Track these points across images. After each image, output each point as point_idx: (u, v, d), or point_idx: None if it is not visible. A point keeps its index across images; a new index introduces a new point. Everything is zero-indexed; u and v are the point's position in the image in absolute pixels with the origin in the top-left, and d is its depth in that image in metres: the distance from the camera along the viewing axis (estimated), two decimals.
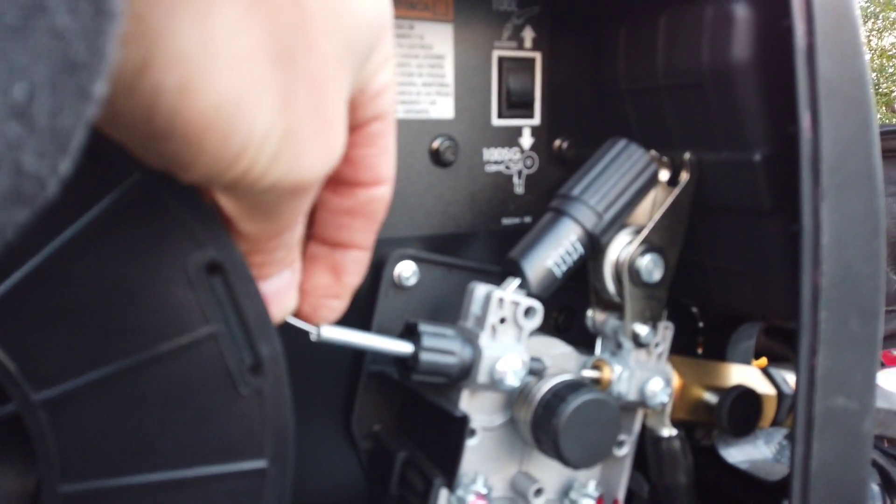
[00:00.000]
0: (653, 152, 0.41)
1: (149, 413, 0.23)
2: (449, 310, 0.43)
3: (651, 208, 0.42)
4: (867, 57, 0.36)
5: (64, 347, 0.22)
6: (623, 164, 0.40)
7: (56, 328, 0.22)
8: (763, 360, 0.63)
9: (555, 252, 0.38)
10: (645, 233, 0.40)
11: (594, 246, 0.39)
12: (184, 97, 0.17)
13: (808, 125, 0.34)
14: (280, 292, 0.25)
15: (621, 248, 0.41)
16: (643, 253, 0.40)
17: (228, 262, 0.22)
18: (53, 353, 0.22)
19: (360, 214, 0.26)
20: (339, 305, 0.28)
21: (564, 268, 0.38)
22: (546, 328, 0.45)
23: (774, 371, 0.50)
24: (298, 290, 0.27)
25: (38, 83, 0.10)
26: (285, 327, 0.26)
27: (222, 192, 0.22)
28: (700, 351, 0.54)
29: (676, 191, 0.40)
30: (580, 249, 0.39)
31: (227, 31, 0.17)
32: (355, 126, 0.24)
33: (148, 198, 0.21)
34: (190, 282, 0.22)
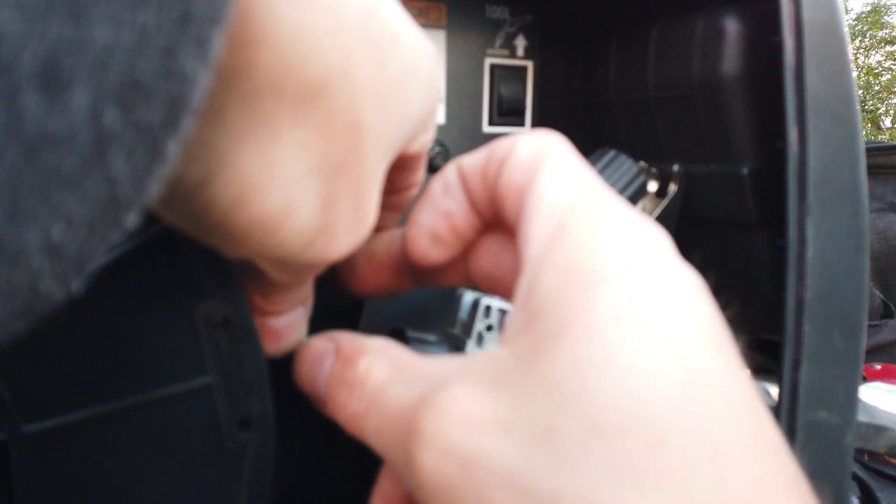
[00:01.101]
0: (642, 163, 0.42)
1: (132, 457, 0.23)
2: (436, 316, 0.43)
3: None
4: (854, 74, 0.36)
5: (61, 383, 0.22)
6: (612, 174, 0.40)
7: (56, 363, 0.22)
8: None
9: None
10: None
11: None
12: (236, 209, 0.18)
13: (795, 140, 0.34)
14: (292, 326, 0.26)
15: None
16: None
17: (236, 316, 0.23)
18: (50, 387, 0.21)
19: (388, 206, 0.27)
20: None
21: None
22: None
23: (757, 383, 0.50)
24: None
25: (78, 223, 0.11)
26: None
27: (258, 261, 0.23)
28: None
29: (664, 202, 0.41)
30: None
31: (287, 156, 0.18)
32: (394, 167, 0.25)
33: (165, 247, 0.22)
34: (195, 332, 0.22)
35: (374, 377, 0.20)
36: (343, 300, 0.41)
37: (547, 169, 0.20)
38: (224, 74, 0.16)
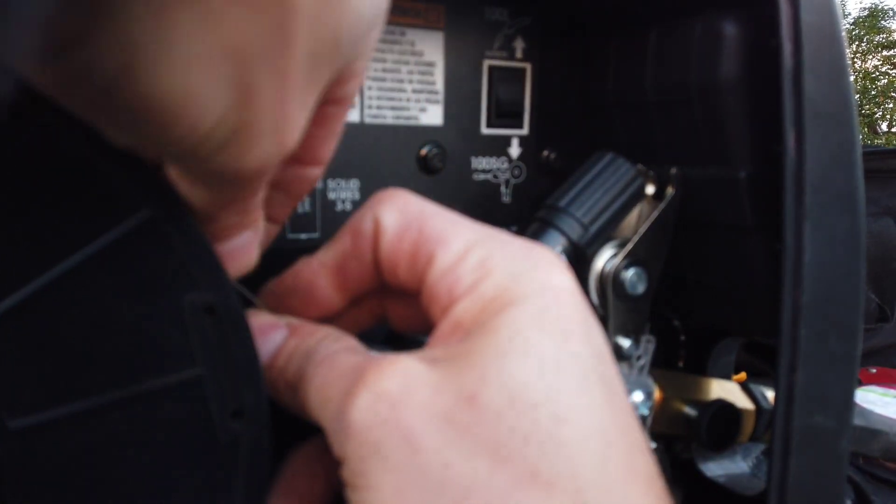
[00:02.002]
0: (639, 166, 0.42)
1: (121, 452, 0.22)
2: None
3: (636, 222, 0.42)
4: (851, 79, 0.36)
5: (46, 377, 0.21)
6: (610, 177, 0.40)
7: (41, 357, 0.21)
8: (743, 375, 0.63)
9: None
10: (630, 246, 0.40)
11: (579, 257, 0.39)
12: (120, 82, 0.15)
13: (792, 144, 0.34)
14: (239, 250, 0.24)
15: (606, 260, 0.41)
16: (627, 266, 0.40)
17: (224, 305, 0.22)
18: (34, 382, 0.21)
19: (284, 189, 0.25)
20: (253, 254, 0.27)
21: None
22: None
23: (754, 386, 0.50)
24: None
25: None
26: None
27: (169, 162, 0.21)
28: (681, 364, 0.54)
29: (662, 205, 0.41)
30: (565, 260, 0.39)
31: (188, 29, 0.15)
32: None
33: (152, 233, 0.21)
34: (183, 322, 0.22)
35: (327, 347, 0.23)
36: None
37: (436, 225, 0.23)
38: None
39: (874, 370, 1.04)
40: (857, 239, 0.36)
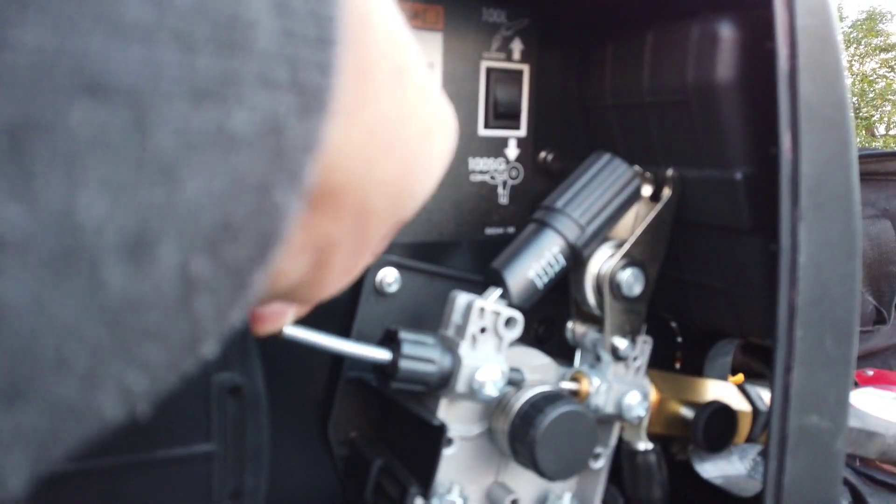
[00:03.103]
0: (636, 167, 0.42)
1: None
2: (430, 317, 0.43)
3: (633, 223, 0.42)
4: (849, 81, 0.37)
5: None
6: (607, 178, 0.40)
7: None
8: (739, 377, 0.63)
9: (537, 263, 0.38)
10: (626, 247, 0.40)
11: (576, 258, 0.40)
12: None
13: (788, 146, 0.34)
14: (278, 314, 0.26)
15: (603, 261, 0.41)
16: (624, 267, 0.40)
17: (250, 389, 0.23)
18: None
19: None
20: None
21: (546, 279, 0.39)
22: (526, 339, 0.45)
23: (750, 387, 0.51)
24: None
25: (155, 369, 0.10)
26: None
27: None
28: (678, 365, 0.54)
29: (658, 206, 0.41)
30: (562, 261, 0.39)
31: None
32: None
33: None
34: (207, 399, 0.22)
35: None
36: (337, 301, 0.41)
37: None
38: None
39: (871, 372, 1.04)
40: (853, 241, 0.36)
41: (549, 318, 0.48)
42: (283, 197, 0.11)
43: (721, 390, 0.50)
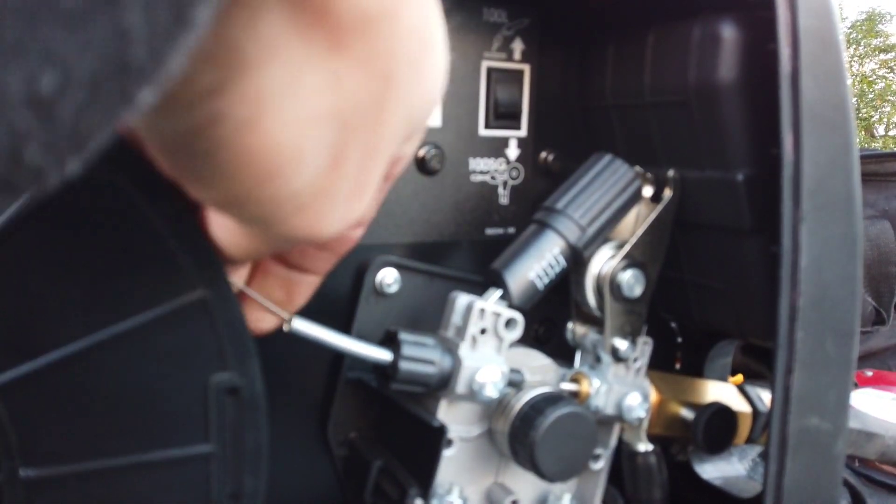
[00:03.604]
0: (637, 168, 0.42)
1: None
2: (430, 318, 0.43)
3: (634, 224, 0.42)
4: (849, 82, 0.36)
5: (67, 434, 0.22)
6: (608, 178, 0.40)
7: (68, 414, 0.22)
8: (739, 377, 0.63)
9: (537, 264, 0.38)
10: (627, 248, 0.40)
11: (577, 259, 0.39)
12: (242, 131, 0.16)
13: (790, 147, 0.34)
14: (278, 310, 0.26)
15: (603, 262, 0.41)
16: (625, 268, 0.40)
17: (248, 389, 0.23)
18: (54, 436, 0.21)
19: (327, 248, 0.27)
20: (324, 268, 0.29)
21: (546, 280, 0.38)
22: (526, 340, 0.45)
23: (750, 388, 0.50)
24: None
25: (76, 79, 0.09)
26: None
27: (239, 223, 0.21)
28: (678, 366, 0.54)
29: (659, 207, 0.41)
30: (563, 262, 0.39)
31: (313, 87, 0.16)
32: None
33: (199, 313, 0.22)
34: (205, 399, 0.22)
35: None
36: (337, 301, 0.41)
37: None
38: None
39: (870, 373, 1.04)
40: (854, 242, 0.36)
41: (550, 319, 0.48)
42: None
43: (721, 391, 0.49)
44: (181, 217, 0.21)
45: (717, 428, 0.46)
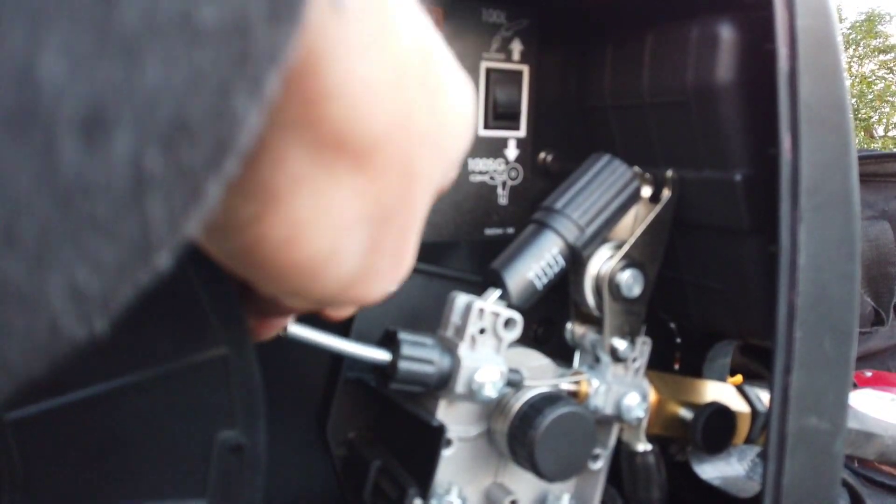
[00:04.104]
0: (636, 168, 0.42)
1: None
2: (428, 318, 0.43)
3: (633, 224, 0.42)
4: (847, 83, 0.37)
5: (70, 473, 0.22)
6: (606, 179, 0.40)
7: (73, 454, 0.22)
8: (738, 378, 0.63)
9: (536, 264, 0.38)
10: (626, 248, 0.40)
11: (575, 259, 0.39)
12: (284, 248, 0.18)
13: (788, 147, 0.34)
14: (280, 321, 0.27)
15: (602, 262, 0.41)
16: (623, 268, 0.40)
17: (251, 448, 0.23)
18: (58, 476, 0.22)
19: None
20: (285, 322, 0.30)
21: (545, 280, 0.39)
22: (525, 340, 0.45)
23: (749, 389, 0.50)
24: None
25: (106, 267, 0.10)
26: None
27: (292, 304, 0.23)
28: (677, 366, 0.54)
29: (658, 207, 0.41)
30: (561, 262, 0.39)
31: (341, 202, 0.18)
32: None
33: (218, 370, 0.22)
34: (208, 455, 0.22)
35: None
36: None
37: None
38: (291, 126, 0.16)
39: (869, 373, 1.04)
40: (852, 242, 0.36)
41: (549, 319, 0.48)
42: (243, 103, 0.11)
43: (720, 391, 0.49)
44: (216, 276, 0.22)
45: (716, 428, 0.47)
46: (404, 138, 0.18)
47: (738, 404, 0.49)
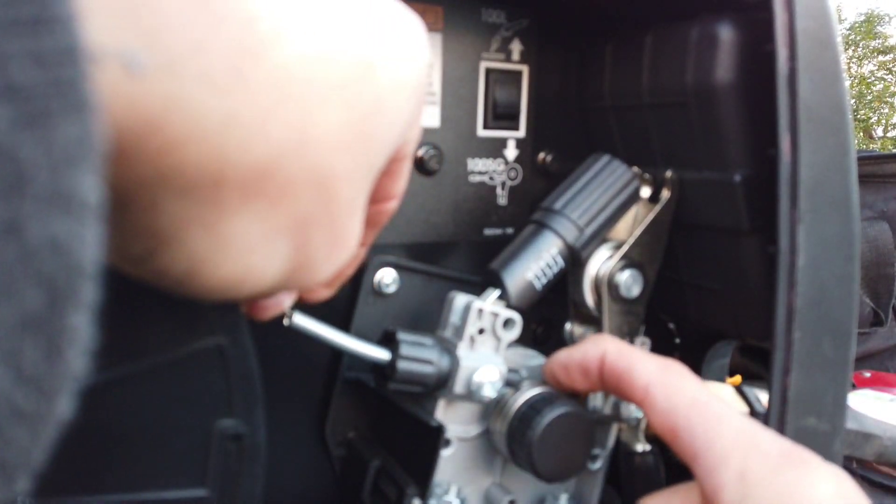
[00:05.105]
0: (635, 169, 0.42)
1: None
2: (428, 318, 0.43)
3: (632, 224, 0.42)
4: (847, 83, 0.37)
5: (68, 465, 0.22)
6: (606, 179, 0.40)
7: (71, 446, 0.22)
8: (737, 378, 0.63)
9: (535, 264, 0.38)
10: (625, 248, 0.40)
11: (574, 260, 0.39)
12: (189, 279, 0.18)
13: (787, 148, 0.34)
14: (277, 302, 0.27)
15: (601, 262, 0.41)
16: (623, 268, 0.40)
17: (251, 437, 0.23)
18: (57, 467, 0.21)
19: (367, 223, 0.27)
20: (328, 293, 0.30)
21: (544, 280, 0.39)
22: (525, 340, 0.45)
23: (748, 389, 0.50)
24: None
25: None
26: (265, 328, 0.26)
27: None
28: None
29: (657, 208, 0.41)
30: (560, 262, 0.39)
31: (240, 230, 0.17)
32: None
33: (215, 359, 0.22)
34: (207, 444, 0.22)
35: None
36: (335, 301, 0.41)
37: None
38: (153, 180, 0.15)
39: (868, 374, 1.04)
40: (851, 243, 0.36)
41: (548, 319, 0.48)
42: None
43: (719, 392, 0.49)
44: None
45: None
46: (304, 154, 0.17)
47: (737, 405, 0.49)
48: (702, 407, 0.30)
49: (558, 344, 0.46)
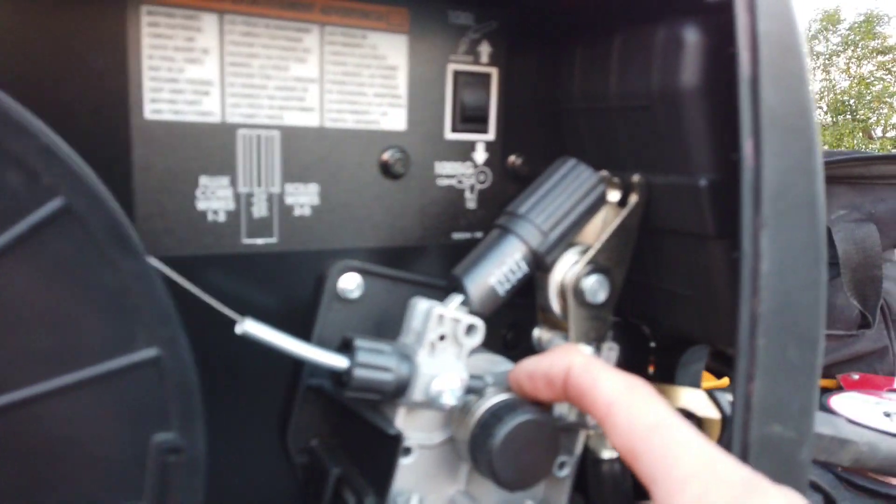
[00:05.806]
0: (604, 172, 0.41)
1: None
2: (394, 324, 0.42)
3: (600, 228, 0.42)
4: (846, 84, 0.36)
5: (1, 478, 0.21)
6: (571, 183, 0.39)
7: (2, 459, 0.21)
8: (725, 381, 0.63)
9: (498, 270, 0.38)
10: (591, 253, 0.40)
11: (539, 265, 0.39)
12: None
13: (750, 152, 0.34)
14: None
15: (567, 267, 0.40)
16: (589, 273, 0.40)
17: (190, 450, 0.23)
18: None
19: None
20: None
21: (508, 286, 0.38)
22: (494, 345, 0.45)
23: (720, 394, 0.50)
24: None
25: None
26: (225, 333, 0.26)
27: None
28: (651, 371, 0.54)
29: (625, 212, 0.40)
30: (524, 268, 0.38)
31: None
32: None
33: (148, 369, 0.22)
34: (143, 458, 0.22)
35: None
36: (298, 307, 0.41)
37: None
38: None
39: (857, 376, 1.04)
40: (818, 248, 0.36)
41: (518, 324, 0.48)
42: None
43: (691, 397, 0.49)
44: (147, 273, 0.21)
45: None
46: None
47: (708, 410, 0.48)
48: (664, 430, 0.29)
49: (528, 349, 0.45)
